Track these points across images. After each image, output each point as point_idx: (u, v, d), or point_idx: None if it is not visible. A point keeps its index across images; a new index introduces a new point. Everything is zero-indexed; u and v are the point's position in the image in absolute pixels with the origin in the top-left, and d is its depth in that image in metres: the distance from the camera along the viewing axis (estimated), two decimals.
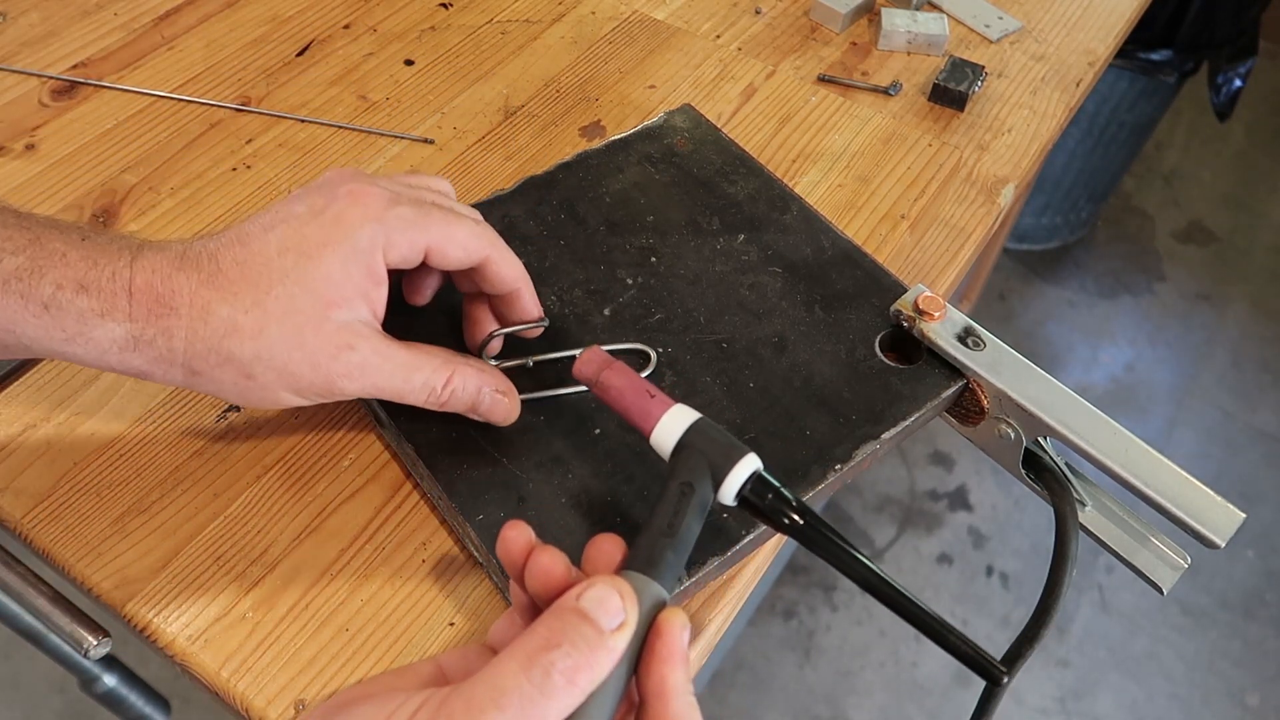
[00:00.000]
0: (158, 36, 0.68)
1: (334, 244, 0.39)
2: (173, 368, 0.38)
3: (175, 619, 0.43)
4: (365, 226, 0.39)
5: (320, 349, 0.39)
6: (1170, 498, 0.43)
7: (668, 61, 0.69)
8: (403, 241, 0.40)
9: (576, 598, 0.31)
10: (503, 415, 0.44)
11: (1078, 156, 1.64)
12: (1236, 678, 1.40)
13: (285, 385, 0.39)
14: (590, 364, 0.40)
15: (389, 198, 0.40)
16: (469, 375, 0.42)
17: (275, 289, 0.38)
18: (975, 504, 1.54)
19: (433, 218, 0.41)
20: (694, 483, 0.36)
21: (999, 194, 0.63)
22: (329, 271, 0.39)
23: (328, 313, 0.39)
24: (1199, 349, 1.75)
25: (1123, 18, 0.76)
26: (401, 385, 0.41)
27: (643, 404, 0.39)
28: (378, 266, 0.40)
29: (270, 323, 0.38)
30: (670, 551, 0.34)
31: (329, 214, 0.39)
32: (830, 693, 1.35)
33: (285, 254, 0.39)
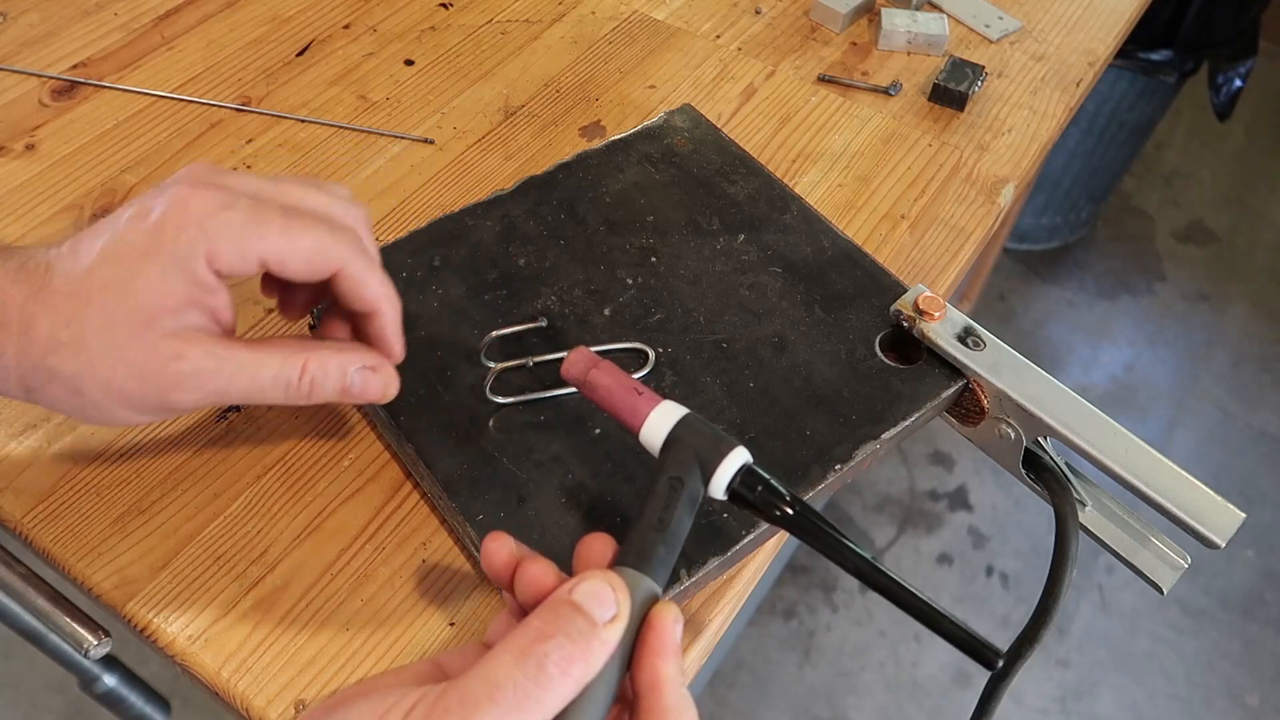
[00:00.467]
0: (158, 36, 0.68)
1: (152, 253, 0.36)
2: (10, 384, 0.37)
3: (175, 619, 0.43)
4: (184, 233, 0.36)
5: (145, 362, 0.36)
6: (1170, 498, 0.43)
7: (668, 61, 0.69)
8: (229, 251, 0.37)
9: (569, 591, 0.31)
10: (378, 392, 0.41)
11: (1078, 156, 1.64)
12: (1236, 678, 1.40)
13: (117, 402, 0.37)
14: (577, 364, 0.40)
15: (219, 202, 0.37)
16: (327, 358, 0.39)
17: (94, 301, 0.36)
18: (975, 504, 1.54)
19: (270, 225, 0.37)
20: (683, 477, 0.36)
21: (999, 194, 0.63)
22: (148, 281, 0.36)
23: (150, 324, 0.36)
24: (1199, 349, 1.75)
25: (1123, 18, 0.76)
26: (247, 386, 0.38)
27: (630, 402, 0.38)
28: (203, 274, 0.37)
29: (89, 337, 0.36)
30: (661, 546, 0.34)
31: (150, 220, 0.37)
32: (830, 693, 1.35)
33: (105, 263, 0.36)
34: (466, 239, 0.53)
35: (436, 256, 0.52)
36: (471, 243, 0.53)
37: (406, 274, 0.52)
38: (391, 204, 0.59)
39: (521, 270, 0.52)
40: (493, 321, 0.50)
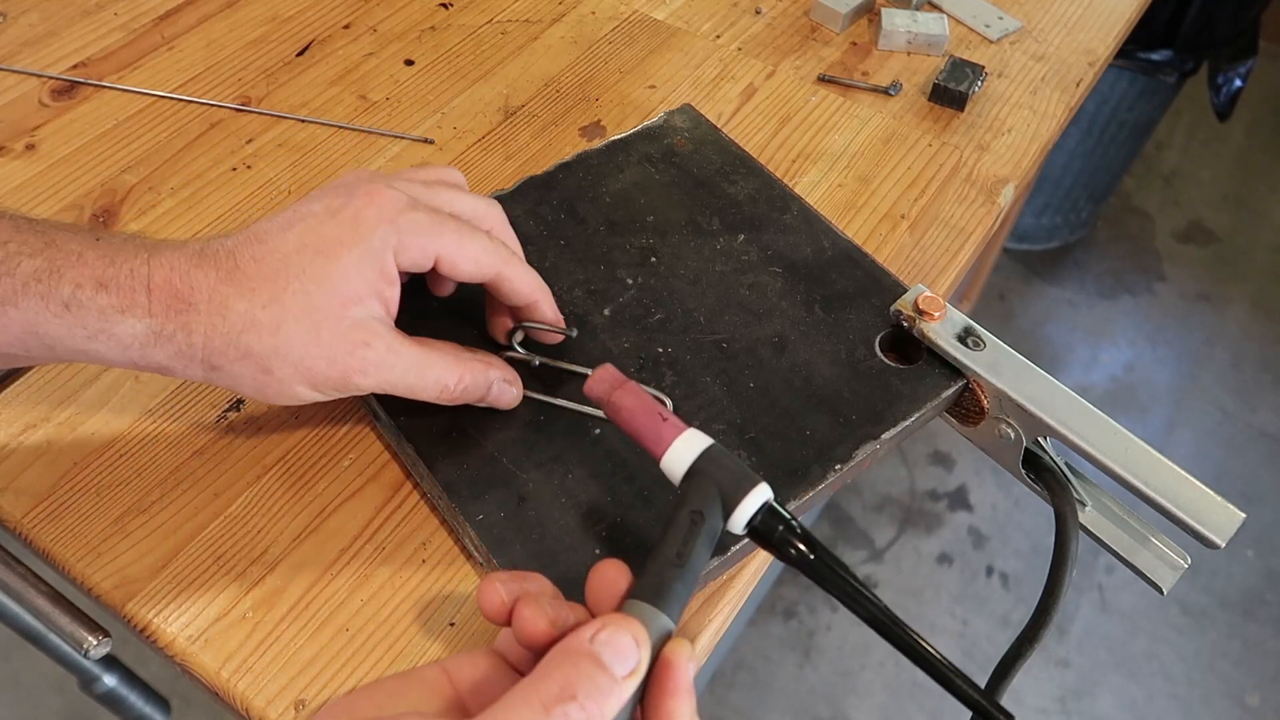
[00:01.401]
0: (158, 36, 0.68)
1: (349, 243, 0.40)
2: (192, 363, 0.39)
3: (175, 619, 0.43)
4: (380, 227, 0.40)
5: (336, 345, 0.39)
6: (1170, 498, 0.43)
7: (668, 61, 0.69)
8: (414, 246, 0.41)
9: (590, 639, 0.31)
10: (508, 402, 0.46)
11: (1078, 156, 1.64)
12: (1236, 678, 1.40)
13: (302, 380, 0.40)
14: (602, 383, 0.40)
15: (405, 202, 0.41)
16: (478, 371, 0.44)
17: (292, 285, 0.39)
18: (975, 504, 1.54)
19: (446, 229, 0.41)
20: (704, 511, 0.36)
21: (999, 194, 0.63)
22: (344, 269, 0.39)
23: (343, 310, 0.39)
24: (1199, 349, 1.75)
25: (1123, 18, 0.76)
26: (415, 382, 0.41)
27: (655, 427, 0.38)
28: (389, 267, 0.40)
29: (288, 318, 0.39)
30: (679, 582, 0.34)
31: (346, 213, 0.40)
32: (830, 693, 1.35)
33: (303, 251, 0.39)
34: None
35: None
36: None
37: None
38: None
39: None
40: None
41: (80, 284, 0.37)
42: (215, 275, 0.39)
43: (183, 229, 0.57)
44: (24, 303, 0.37)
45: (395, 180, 0.43)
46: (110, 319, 0.37)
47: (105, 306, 0.37)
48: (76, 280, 0.37)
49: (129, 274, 0.38)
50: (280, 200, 0.59)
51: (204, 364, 0.39)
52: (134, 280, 0.38)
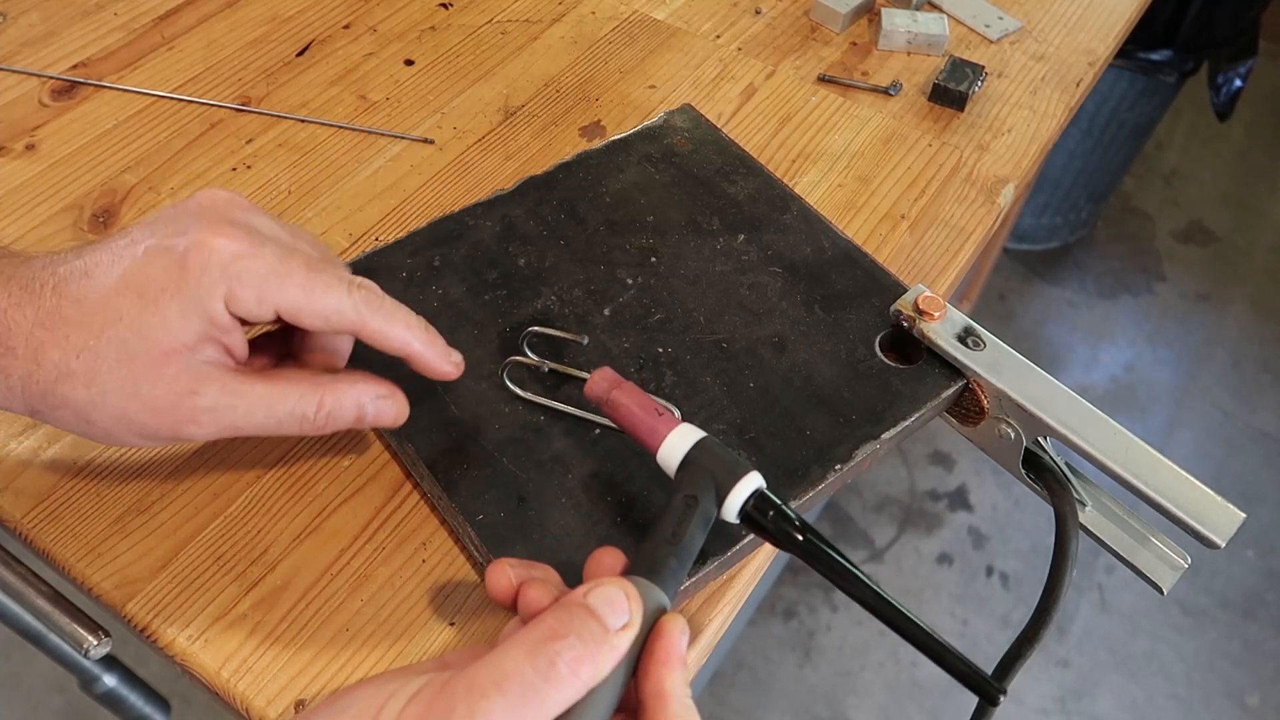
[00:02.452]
0: (158, 36, 0.68)
1: (172, 290, 0.36)
2: (15, 403, 0.37)
3: (175, 619, 0.43)
4: (207, 274, 0.36)
5: (160, 397, 0.37)
6: (1170, 498, 0.43)
7: (668, 61, 0.69)
8: (248, 297, 0.37)
9: (584, 594, 0.32)
10: (391, 418, 0.42)
11: (1078, 156, 1.64)
12: (1236, 678, 1.40)
13: (129, 431, 0.37)
14: (601, 383, 0.41)
15: (246, 247, 0.37)
16: (341, 392, 0.40)
17: (108, 331, 0.36)
18: (975, 504, 1.54)
19: (293, 279, 0.37)
20: (698, 496, 0.37)
21: (999, 194, 0.63)
22: (165, 318, 0.36)
23: (165, 359, 0.36)
24: (1199, 349, 1.75)
25: (1123, 18, 0.76)
26: (264, 420, 0.38)
27: (650, 422, 0.40)
28: (220, 316, 0.37)
29: (102, 368, 0.36)
30: (673, 559, 0.35)
31: (174, 254, 0.37)
32: (830, 693, 1.35)
33: (124, 293, 0.36)
34: (466, 239, 0.53)
35: (436, 256, 0.52)
36: (471, 243, 0.53)
37: (406, 274, 0.52)
38: (391, 204, 0.59)
39: (521, 270, 0.52)
40: (493, 321, 0.50)
41: None
42: (34, 316, 0.36)
43: None
44: None
45: (253, 215, 0.39)
46: None
47: None
48: None
49: None
50: (280, 200, 0.59)
51: (26, 408, 0.37)
52: None
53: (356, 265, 0.52)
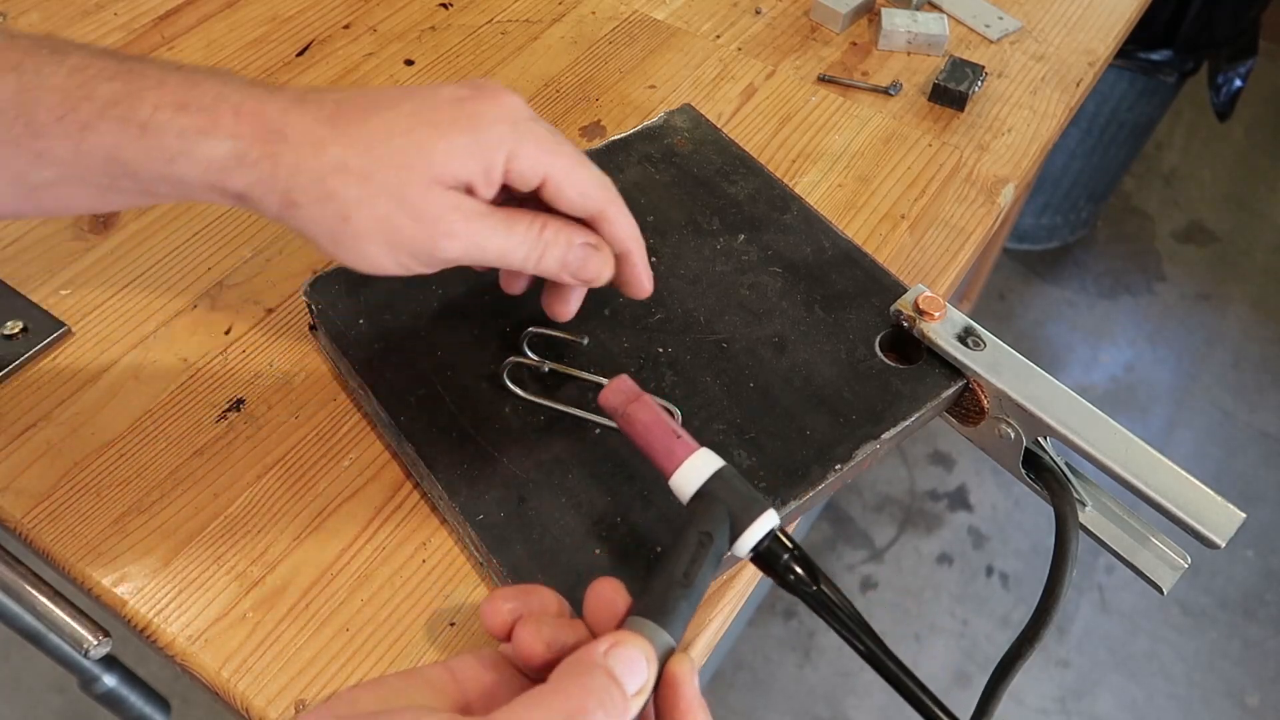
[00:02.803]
0: (158, 36, 0.68)
1: (464, 130, 0.38)
2: (271, 194, 0.37)
3: (175, 619, 0.43)
4: (497, 127, 0.38)
5: (425, 206, 0.38)
6: (1170, 498, 0.43)
7: (668, 61, 0.69)
8: (527, 157, 0.39)
9: (604, 654, 0.31)
10: (595, 271, 0.42)
11: (1078, 156, 1.64)
12: (1236, 678, 1.40)
13: (381, 237, 0.38)
14: (618, 394, 0.40)
15: (531, 114, 0.40)
16: (560, 225, 0.41)
17: (394, 142, 0.37)
18: (975, 504, 1.54)
19: (563, 150, 0.40)
20: (713, 533, 0.36)
21: (999, 194, 0.63)
22: (450, 148, 0.38)
23: (438, 181, 0.38)
24: (1199, 349, 1.75)
25: (1123, 18, 0.76)
26: (502, 243, 0.39)
27: (668, 443, 0.38)
28: (494, 170, 0.39)
29: (379, 170, 0.37)
30: (684, 602, 0.34)
31: (468, 105, 0.39)
32: (830, 693, 1.35)
33: (413, 118, 0.38)
34: None
35: None
36: None
37: None
38: None
39: None
40: (493, 321, 0.50)
41: (159, 105, 0.36)
42: (315, 115, 0.37)
43: (183, 229, 0.57)
44: (103, 126, 0.35)
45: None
46: (190, 140, 0.36)
47: (185, 127, 0.36)
48: (156, 102, 0.36)
49: (214, 97, 0.36)
50: None
51: (284, 198, 0.37)
52: (220, 104, 0.36)
53: None
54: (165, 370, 0.51)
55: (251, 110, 0.36)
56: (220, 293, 0.55)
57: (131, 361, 0.51)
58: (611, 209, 0.42)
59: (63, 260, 0.55)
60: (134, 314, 0.53)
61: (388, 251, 0.38)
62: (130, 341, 0.52)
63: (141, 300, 0.54)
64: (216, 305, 0.54)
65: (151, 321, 0.53)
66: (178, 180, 0.37)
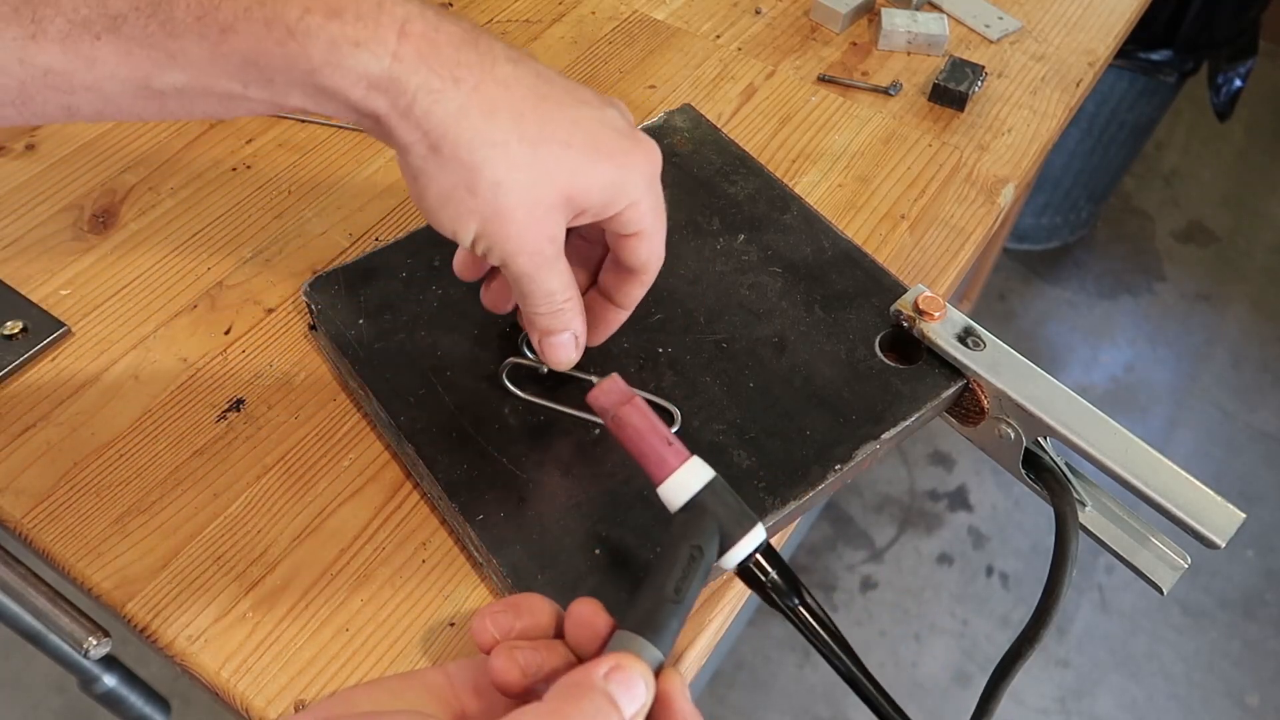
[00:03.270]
0: None
1: (617, 163, 0.38)
2: (411, 129, 0.35)
3: (175, 619, 0.43)
4: (641, 173, 0.39)
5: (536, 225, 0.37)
6: (1170, 498, 0.43)
7: (668, 61, 0.69)
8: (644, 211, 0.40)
9: (604, 677, 0.31)
10: (552, 357, 0.43)
11: (1078, 156, 1.64)
12: (1236, 678, 1.40)
13: (483, 225, 0.36)
14: (609, 394, 0.38)
15: (659, 172, 0.40)
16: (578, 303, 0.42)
17: (556, 149, 0.36)
18: (975, 504, 1.54)
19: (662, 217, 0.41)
20: (703, 547, 0.36)
21: (999, 194, 0.63)
22: (596, 177, 0.37)
23: (562, 203, 0.37)
24: (1199, 349, 1.75)
25: (1123, 18, 0.76)
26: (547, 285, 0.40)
27: (659, 451, 0.37)
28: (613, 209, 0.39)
29: (531, 169, 0.36)
30: (674, 619, 0.34)
31: (627, 141, 0.38)
32: (830, 693, 1.35)
33: (583, 133, 0.37)
34: None
35: (436, 257, 0.52)
36: None
37: (406, 274, 0.52)
38: (391, 204, 0.59)
39: None
40: (493, 321, 0.50)
41: (309, 9, 0.32)
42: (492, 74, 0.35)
43: (183, 229, 0.57)
44: (245, 28, 0.32)
45: None
46: (340, 51, 0.33)
47: (336, 36, 0.32)
48: (305, 5, 0.32)
49: (375, 7, 0.33)
50: (280, 200, 0.59)
51: (425, 138, 0.35)
52: (382, 16, 0.33)
53: (356, 265, 0.52)
54: (165, 370, 0.51)
55: (420, 34, 0.34)
56: (220, 293, 0.55)
57: (131, 361, 0.51)
58: (650, 277, 0.43)
59: (63, 260, 0.55)
60: (134, 314, 0.53)
61: (473, 235, 0.37)
62: (130, 341, 0.52)
63: (141, 300, 0.54)
64: (216, 305, 0.54)
65: (151, 321, 0.53)
66: (317, 90, 0.34)
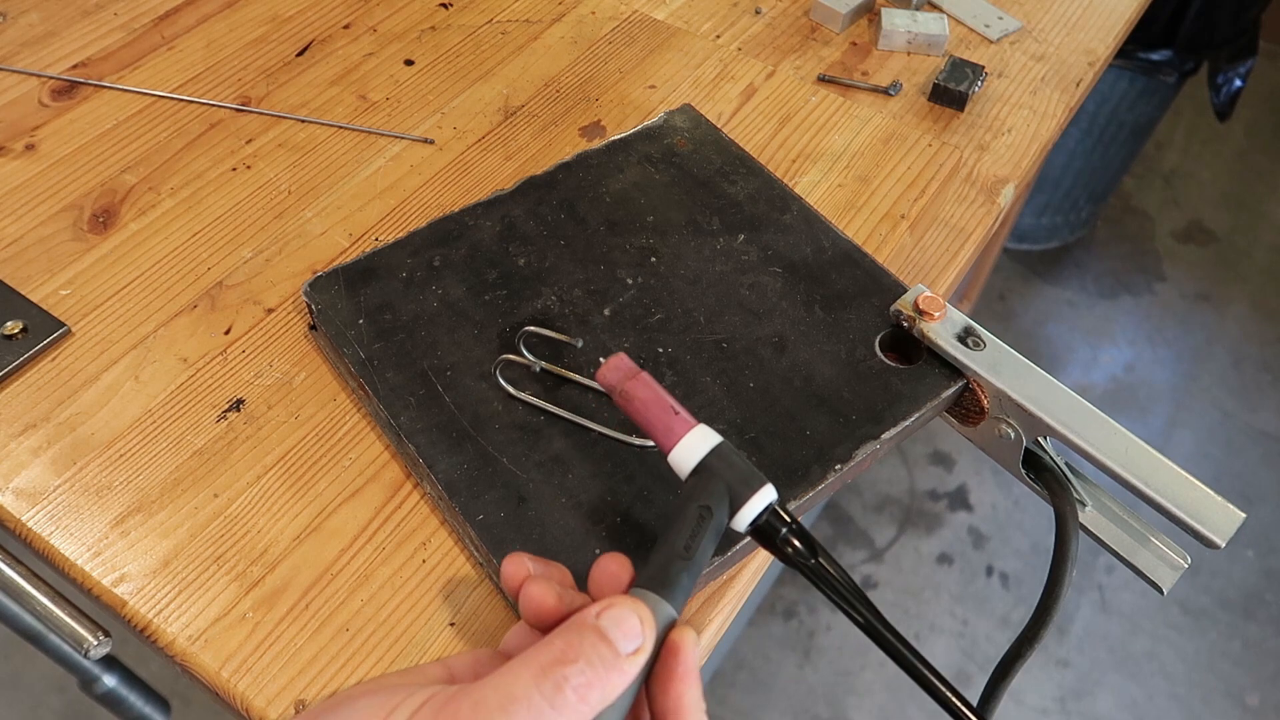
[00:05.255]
0: (158, 36, 0.68)
1: None
2: None
3: (175, 619, 0.43)
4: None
5: None
6: (1170, 498, 0.43)
7: (668, 61, 0.69)
8: None
9: (596, 615, 0.31)
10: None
11: (1078, 156, 1.64)
12: (1236, 678, 1.40)
13: None
14: (615, 371, 0.39)
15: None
16: None
17: None
18: (975, 504, 1.54)
19: None
20: (712, 507, 0.36)
21: (999, 194, 0.63)
22: None
23: None
24: (1199, 349, 1.75)
25: (1123, 18, 0.76)
26: None
27: (666, 420, 0.38)
28: None
29: None
30: (685, 574, 0.35)
31: None
32: (830, 693, 1.35)
33: None
34: (466, 239, 0.53)
35: (436, 256, 0.52)
36: (471, 243, 0.53)
37: (406, 274, 0.52)
38: (391, 204, 0.59)
39: (521, 270, 0.52)
40: (493, 321, 0.50)
41: None
42: None
43: (182, 229, 0.57)
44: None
45: None
46: None
47: None
48: None
49: None
50: (280, 200, 0.59)
51: None
52: None
53: (356, 265, 0.52)
54: (165, 370, 0.51)
55: None
56: (220, 293, 0.55)
57: (131, 361, 0.51)
58: None
59: (63, 260, 0.55)
60: (134, 314, 0.53)
61: None
62: (130, 341, 0.52)
63: (141, 300, 0.54)
64: (216, 305, 0.54)
65: (151, 321, 0.53)
66: None
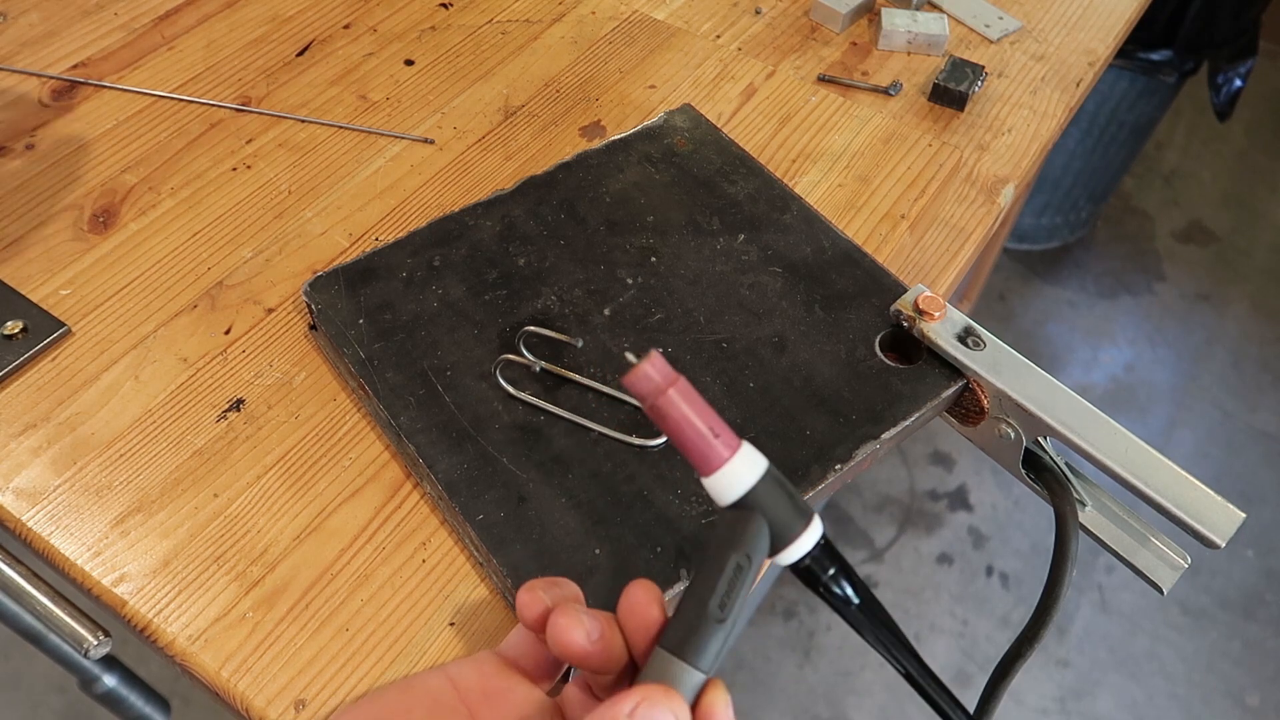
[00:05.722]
0: (158, 36, 0.68)
1: None
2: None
3: (175, 619, 0.43)
4: None
5: None
6: (1170, 498, 0.43)
7: (668, 61, 0.69)
8: None
9: (631, 711, 0.30)
10: None
11: (1078, 156, 1.64)
12: (1236, 678, 1.40)
13: None
14: (649, 379, 0.32)
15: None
16: None
17: None
18: (975, 504, 1.54)
19: None
20: (751, 555, 0.33)
21: (999, 194, 0.63)
22: None
23: None
24: (1199, 349, 1.75)
25: (1123, 18, 0.76)
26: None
27: (702, 448, 0.33)
28: None
29: None
30: (718, 639, 0.32)
31: None
32: (830, 693, 1.35)
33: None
34: (466, 239, 0.53)
35: (436, 256, 0.52)
36: (471, 243, 0.53)
37: (406, 274, 0.52)
38: (391, 204, 0.59)
39: (521, 270, 0.52)
40: (493, 321, 0.50)
41: None
42: None
43: (183, 229, 0.57)
44: None
45: None
46: None
47: None
48: None
49: None
50: (280, 200, 0.59)
51: None
52: None
53: (356, 265, 0.52)
54: (165, 370, 0.51)
55: None
56: (220, 293, 0.55)
57: (131, 361, 0.51)
58: None
59: (63, 260, 0.55)
60: (134, 314, 0.53)
61: None
62: (130, 341, 0.52)
63: (141, 300, 0.54)
64: (216, 305, 0.54)
65: (151, 321, 0.53)
66: None
